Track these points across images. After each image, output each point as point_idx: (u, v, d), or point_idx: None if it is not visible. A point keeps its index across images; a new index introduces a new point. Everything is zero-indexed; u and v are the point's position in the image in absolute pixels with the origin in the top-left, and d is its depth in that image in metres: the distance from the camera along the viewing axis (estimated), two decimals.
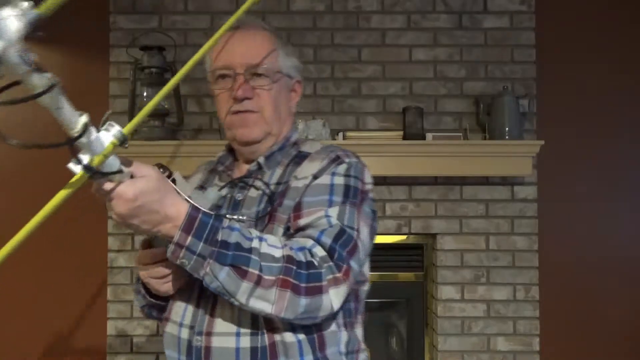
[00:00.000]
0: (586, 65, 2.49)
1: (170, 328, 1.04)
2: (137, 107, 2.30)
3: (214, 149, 2.23)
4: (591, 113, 2.49)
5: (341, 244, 0.94)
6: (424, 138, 2.32)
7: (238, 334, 0.95)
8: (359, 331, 1.09)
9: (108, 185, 0.79)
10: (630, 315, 2.46)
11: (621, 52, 2.49)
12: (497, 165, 2.28)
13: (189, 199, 0.88)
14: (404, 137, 2.32)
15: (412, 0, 2.42)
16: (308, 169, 1.05)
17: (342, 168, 1.04)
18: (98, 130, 0.71)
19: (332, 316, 0.98)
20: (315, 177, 1.03)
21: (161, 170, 0.90)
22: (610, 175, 2.48)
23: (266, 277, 0.86)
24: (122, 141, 0.72)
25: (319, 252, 0.92)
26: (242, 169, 1.15)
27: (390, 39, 2.43)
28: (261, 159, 1.10)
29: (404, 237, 2.48)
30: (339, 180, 1.02)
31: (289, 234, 0.99)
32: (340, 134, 2.33)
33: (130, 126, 0.73)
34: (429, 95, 2.42)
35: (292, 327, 0.95)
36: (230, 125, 1.11)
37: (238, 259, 0.86)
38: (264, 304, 0.87)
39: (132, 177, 0.81)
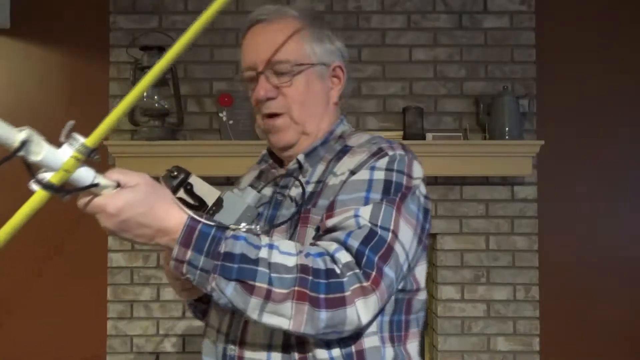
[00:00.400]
0: (586, 65, 2.48)
1: (209, 334, 1.00)
2: (137, 107, 2.30)
3: (214, 149, 2.25)
4: (591, 113, 2.48)
5: (372, 248, 0.82)
6: (424, 138, 2.32)
7: (270, 347, 0.89)
8: (411, 347, 0.97)
9: (82, 201, 0.75)
10: (630, 315, 2.46)
11: (621, 52, 2.49)
12: (497, 165, 2.28)
13: (182, 207, 0.80)
14: (404, 137, 2.32)
15: (412, 0, 2.42)
16: (347, 164, 0.95)
17: (383, 161, 0.92)
18: (60, 145, 0.67)
19: (376, 329, 0.90)
20: (352, 172, 0.92)
21: (175, 174, 0.84)
22: (610, 175, 2.48)
23: (277, 290, 0.77)
24: (87, 154, 0.67)
25: (343, 257, 0.81)
26: (286, 167, 1.07)
27: (390, 39, 2.43)
28: (301, 157, 1.01)
29: None
30: (379, 175, 0.90)
31: (317, 235, 0.90)
32: None
33: (94, 137, 0.68)
34: (429, 95, 2.42)
35: (326, 342, 0.86)
36: (265, 131, 1.04)
37: (244, 272, 0.77)
38: (279, 319, 0.78)
39: (119, 186, 0.76)
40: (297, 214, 0.94)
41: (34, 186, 0.66)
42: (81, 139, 0.68)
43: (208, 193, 0.86)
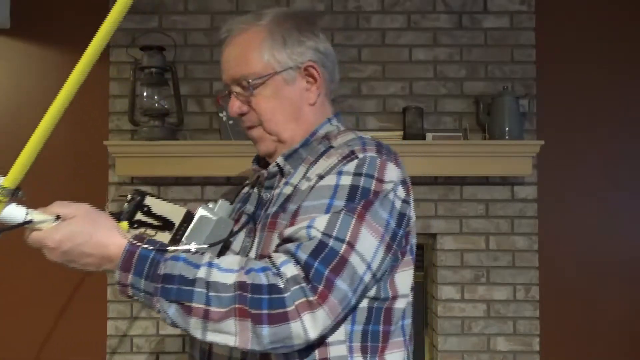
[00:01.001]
0: (586, 65, 2.48)
1: None
2: (137, 107, 2.30)
3: (214, 149, 2.25)
4: (591, 113, 2.48)
5: (321, 260, 0.80)
6: (424, 138, 2.32)
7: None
8: (392, 357, 0.93)
9: (25, 236, 0.79)
10: (630, 315, 2.46)
11: (621, 52, 2.49)
12: (497, 165, 2.28)
13: (122, 233, 0.83)
14: (404, 137, 2.32)
15: (412, 0, 2.42)
16: (319, 167, 0.93)
17: (351, 165, 0.89)
18: None
19: (344, 337, 0.88)
20: (321, 177, 0.90)
21: (129, 197, 0.87)
22: (610, 175, 2.48)
23: (214, 309, 0.77)
24: (10, 194, 0.72)
25: (290, 271, 0.79)
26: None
27: (390, 39, 2.43)
28: (280, 159, 1.00)
29: None
30: (346, 180, 0.87)
31: (277, 244, 0.88)
32: None
33: (10, 177, 0.72)
34: (429, 95, 2.42)
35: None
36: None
37: (181, 293, 0.78)
38: (224, 337, 0.78)
39: (59, 219, 0.80)
40: (248, 223, 0.96)
41: None
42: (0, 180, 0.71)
43: (172, 211, 0.87)
